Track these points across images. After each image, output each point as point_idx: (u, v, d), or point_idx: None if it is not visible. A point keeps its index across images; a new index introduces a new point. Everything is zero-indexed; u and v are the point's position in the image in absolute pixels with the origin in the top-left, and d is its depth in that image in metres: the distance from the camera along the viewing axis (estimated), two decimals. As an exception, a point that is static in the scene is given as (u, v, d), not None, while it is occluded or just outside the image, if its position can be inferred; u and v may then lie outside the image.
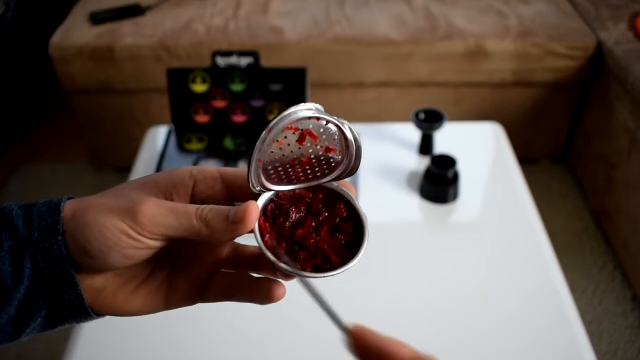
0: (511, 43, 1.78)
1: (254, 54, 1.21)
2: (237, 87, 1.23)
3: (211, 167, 0.39)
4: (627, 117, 1.65)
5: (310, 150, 0.37)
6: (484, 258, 1.05)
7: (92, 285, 0.37)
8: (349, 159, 0.38)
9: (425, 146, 1.26)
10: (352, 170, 0.39)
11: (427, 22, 1.85)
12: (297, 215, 0.38)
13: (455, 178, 1.14)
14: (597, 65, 1.81)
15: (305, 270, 0.36)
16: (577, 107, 1.95)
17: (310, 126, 0.36)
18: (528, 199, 1.16)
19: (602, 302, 1.64)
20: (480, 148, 1.32)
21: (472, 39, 1.79)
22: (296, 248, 0.37)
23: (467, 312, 0.94)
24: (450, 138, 1.30)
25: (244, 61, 1.22)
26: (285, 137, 0.36)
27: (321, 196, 0.39)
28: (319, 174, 0.39)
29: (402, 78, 1.85)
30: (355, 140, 0.37)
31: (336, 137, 0.37)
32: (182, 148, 1.26)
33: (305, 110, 0.35)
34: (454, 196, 1.15)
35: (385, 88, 1.89)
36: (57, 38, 1.80)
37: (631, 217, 1.63)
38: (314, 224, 0.38)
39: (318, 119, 0.35)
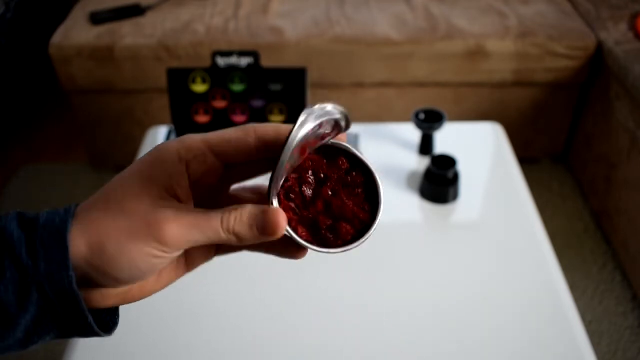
0: (511, 43, 1.78)
1: (254, 54, 1.21)
2: (237, 87, 1.23)
3: (194, 138, 0.37)
4: (627, 117, 1.65)
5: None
6: (484, 258, 1.05)
7: (115, 292, 0.37)
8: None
9: (425, 146, 1.26)
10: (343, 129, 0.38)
11: (427, 22, 1.85)
12: (310, 191, 0.38)
13: (455, 178, 1.14)
14: (597, 65, 1.81)
15: (346, 238, 0.37)
16: (577, 107, 1.95)
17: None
18: (528, 199, 1.16)
19: (602, 302, 1.64)
20: (480, 148, 1.32)
21: (472, 39, 1.78)
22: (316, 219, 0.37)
23: (466, 312, 0.94)
24: (450, 138, 1.30)
25: (244, 61, 1.22)
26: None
27: (320, 156, 0.39)
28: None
29: (402, 78, 1.85)
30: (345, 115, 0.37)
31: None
32: (182, 148, 1.26)
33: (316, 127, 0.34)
34: (454, 196, 1.15)
35: (385, 88, 1.89)
36: (57, 38, 1.80)
37: (631, 217, 1.63)
38: (330, 192, 0.38)
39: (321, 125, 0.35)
